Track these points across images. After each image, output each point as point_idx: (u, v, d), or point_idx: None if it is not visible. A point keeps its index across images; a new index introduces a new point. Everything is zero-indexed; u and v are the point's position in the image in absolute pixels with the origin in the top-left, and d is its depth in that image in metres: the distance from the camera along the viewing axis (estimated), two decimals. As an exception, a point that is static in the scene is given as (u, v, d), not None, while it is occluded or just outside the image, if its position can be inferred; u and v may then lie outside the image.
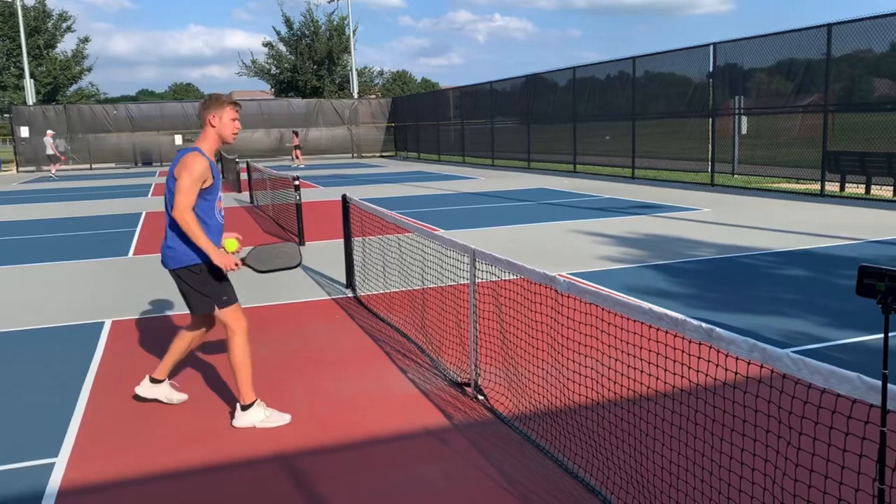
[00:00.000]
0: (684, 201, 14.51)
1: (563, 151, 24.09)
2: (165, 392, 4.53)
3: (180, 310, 6.94)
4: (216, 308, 4.18)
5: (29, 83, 38.20)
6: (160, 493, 3.44)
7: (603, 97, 22.47)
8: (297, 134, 33.44)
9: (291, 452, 3.83)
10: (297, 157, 32.16)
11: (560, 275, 3.42)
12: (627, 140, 20.54)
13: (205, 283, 4.12)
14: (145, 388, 4.50)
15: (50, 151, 29.16)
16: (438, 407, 4.36)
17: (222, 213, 4.30)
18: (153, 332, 6.25)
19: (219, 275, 4.14)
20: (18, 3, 38.46)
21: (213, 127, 4.17)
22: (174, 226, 4.08)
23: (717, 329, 2.35)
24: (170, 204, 4.05)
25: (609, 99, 22.09)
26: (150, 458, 3.81)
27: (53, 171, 29.81)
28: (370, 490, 3.40)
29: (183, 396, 4.59)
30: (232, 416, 4.25)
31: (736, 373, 2.42)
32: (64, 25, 45.09)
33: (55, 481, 3.56)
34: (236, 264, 4.07)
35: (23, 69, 38.85)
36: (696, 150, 18.49)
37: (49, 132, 30.33)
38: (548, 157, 25.28)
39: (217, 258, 4.00)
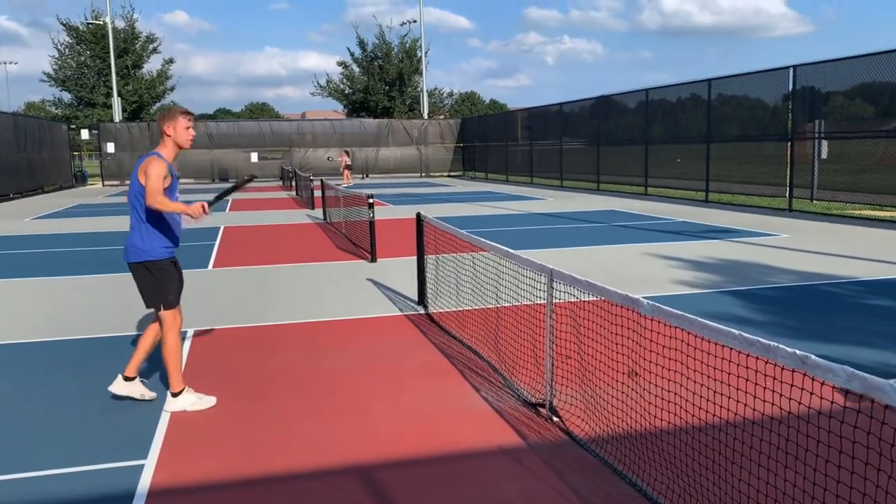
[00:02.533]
0: (761, 226, 14.13)
1: (633, 173, 23.80)
2: (139, 389, 4.87)
3: (260, 321, 7.14)
4: (161, 307, 4.69)
5: (116, 101, 40.08)
6: (243, 498, 3.54)
7: (675, 119, 22.15)
8: (348, 153, 32.60)
9: (369, 465, 3.89)
10: (346, 178, 31.04)
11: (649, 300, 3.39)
12: (700, 163, 20.16)
13: (156, 281, 4.67)
14: (119, 386, 4.83)
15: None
16: (513, 426, 4.36)
17: None
18: (233, 341, 6.44)
19: (169, 278, 4.71)
20: (110, 26, 40.50)
21: (169, 136, 4.70)
22: (138, 224, 4.65)
23: (813, 356, 2.30)
24: (137, 201, 4.62)
25: (681, 121, 21.75)
26: (234, 464, 3.93)
27: None
28: (447, 505, 3.42)
29: (153, 394, 4.92)
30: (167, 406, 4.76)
31: (832, 402, 2.34)
32: (150, 47, 47.18)
33: (145, 482, 3.71)
34: (203, 209, 4.76)
35: (111, 88, 40.80)
36: (772, 175, 18.01)
37: None
38: (618, 179, 25.02)
39: (187, 209, 4.65)
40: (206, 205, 4.80)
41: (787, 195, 17.25)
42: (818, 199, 17.12)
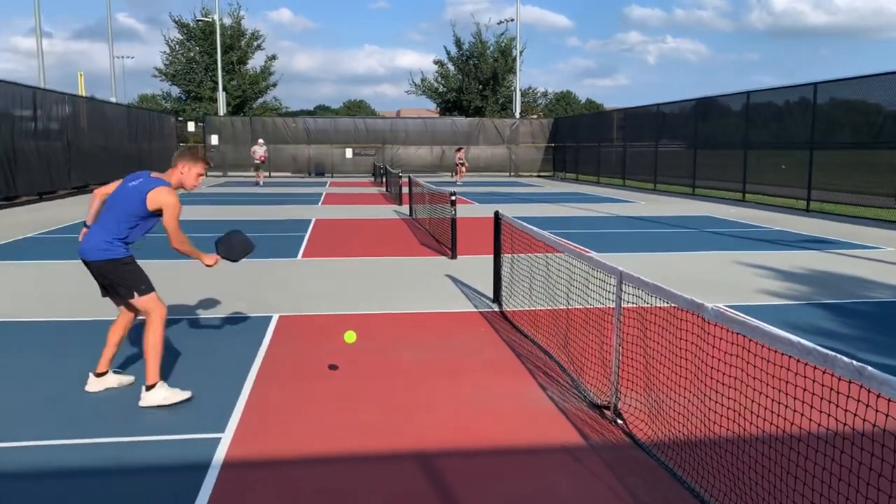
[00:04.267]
0: (864, 238, 13.44)
1: (731, 178, 23.03)
2: (116, 379, 5.00)
3: (341, 310, 7.39)
4: (135, 296, 4.69)
5: (221, 96, 41.90)
6: (310, 476, 3.73)
7: (779, 124, 21.29)
8: (461, 149, 33.87)
9: (431, 452, 4.00)
10: (460, 173, 32.49)
11: (716, 306, 3.35)
12: (803, 170, 19.30)
13: (127, 273, 4.69)
14: (93, 384, 4.93)
15: (262, 161, 29.69)
16: (576, 426, 4.39)
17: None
18: (316, 328, 6.70)
19: (135, 268, 4.74)
20: (218, 23, 42.37)
21: (181, 173, 4.88)
22: (112, 232, 4.66)
23: (870, 368, 2.25)
24: (129, 218, 4.68)
25: (786, 126, 20.89)
26: (304, 443, 4.13)
27: (261, 180, 30.46)
28: (502, 496, 3.50)
29: (130, 378, 5.05)
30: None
31: (887, 415, 2.27)
32: (255, 43, 49.05)
33: (220, 455, 3.96)
34: (216, 261, 5.07)
35: (217, 83, 42.70)
36: (882, 185, 17.02)
37: (260, 141, 30.78)
38: (714, 184, 24.26)
39: (206, 259, 5.02)
40: (219, 258, 5.09)
41: (897, 206, 16.31)
42: (931, 212, 16.11)
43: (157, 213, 4.73)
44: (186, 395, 4.73)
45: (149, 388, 4.65)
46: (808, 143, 19.13)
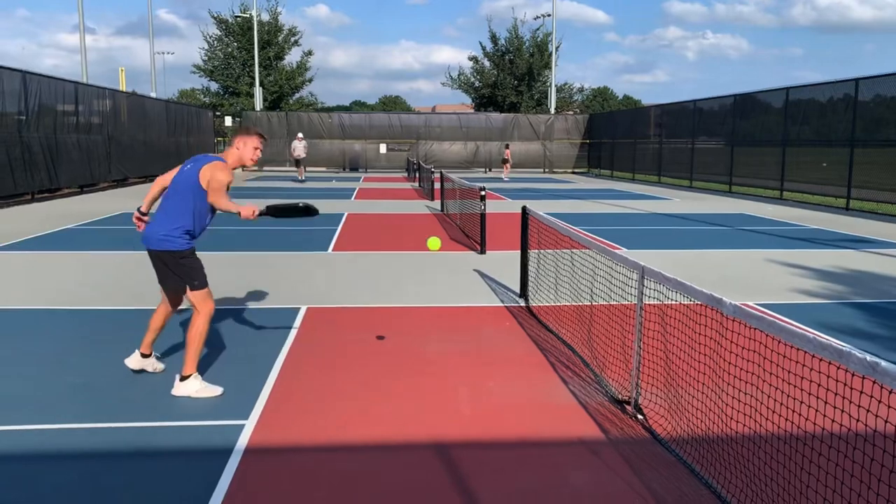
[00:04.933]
0: (903, 237, 13.13)
1: (769, 176, 22.65)
2: (151, 364, 5.14)
3: (369, 303, 7.47)
4: (187, 289, 4.77)
5: (258, 91, 42.36)
6: (329, 463, 3.80)
7: (820, 121, 20.85)
8: (507, 146, 34.14)
9: (449, 442, 4.04)
10: (506, 170, 32.88)
11: (746, 304, 3.32)
12: (842, 168, 18.88)
13: (183, 267, 4.73)
14: (134, 361, 5.09)
15: (303, 155, 28.17)
16: (596, 420, 4.39)
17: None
18: (344, 319, 6.78)
19: (194, 263, 4.76)
20: (255, 19, 42.85)
21: (238, 149, 4.90)
22: (171, 215, 4.70)
23: (883, 363, 2.22)
24: (189, 196, 4.69)
25: (827, 123, 20.45)
26: (325, 432, 4.20)
27: (302, 176, 28.85)
28: (517, 487, 3.53)
29: (162, 366, 5.20)
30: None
31: (900, 412, 2.25)
32: (292, 39, 49.47)
33: (243, 440, 4.05)
34: (254, 213, 4.72)
35: (254, 78, 43.18)
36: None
37: (299, 135, 29.35)
38: (752, 182, 23.88)
39: (244, 211, 4.67)
40: (256, 210, 4.77)
41: (939, 205, 15.89)
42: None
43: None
44: (218, 391, 4.75)
45: (183, 378, 4.73)
46: (849, 141, 18.73)
